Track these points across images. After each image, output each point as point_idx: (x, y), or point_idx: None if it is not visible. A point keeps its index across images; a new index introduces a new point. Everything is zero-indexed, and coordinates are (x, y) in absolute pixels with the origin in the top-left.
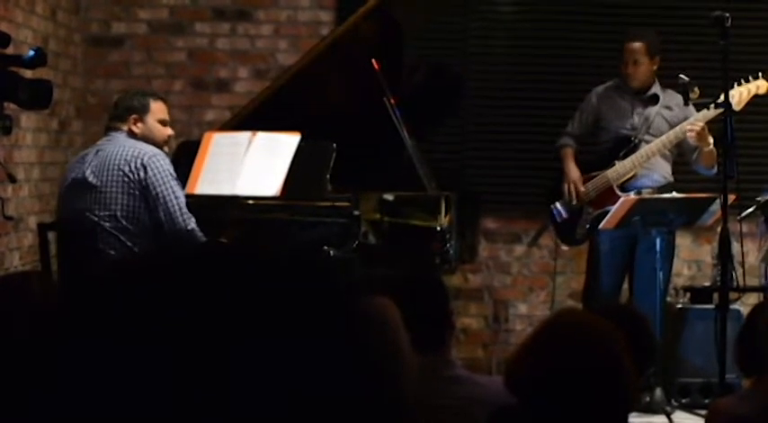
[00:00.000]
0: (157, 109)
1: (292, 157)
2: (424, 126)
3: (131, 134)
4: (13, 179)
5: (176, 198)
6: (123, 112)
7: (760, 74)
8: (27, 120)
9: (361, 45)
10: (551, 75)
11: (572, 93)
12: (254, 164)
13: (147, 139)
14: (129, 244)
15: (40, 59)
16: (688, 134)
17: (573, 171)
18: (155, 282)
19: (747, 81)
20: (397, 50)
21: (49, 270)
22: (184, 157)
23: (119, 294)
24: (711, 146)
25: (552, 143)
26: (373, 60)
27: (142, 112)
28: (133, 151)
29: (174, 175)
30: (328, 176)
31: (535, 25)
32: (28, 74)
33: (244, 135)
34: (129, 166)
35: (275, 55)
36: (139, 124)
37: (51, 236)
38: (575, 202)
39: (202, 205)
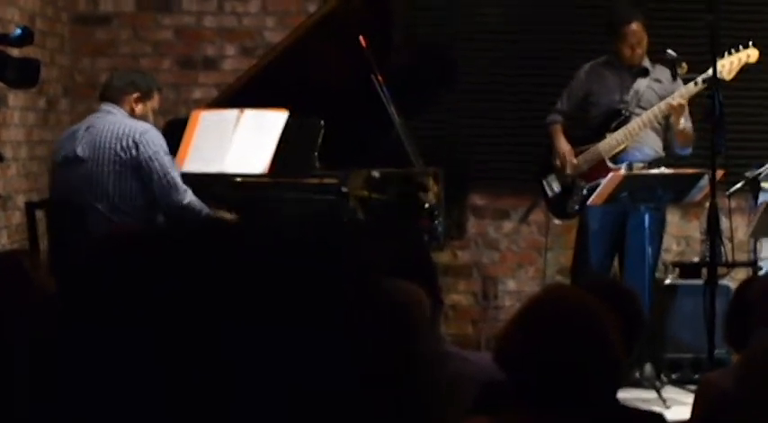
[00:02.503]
0: (158, 98)
1: (280, 134)
2: (411, 103)
3: (128, 112)
4: (0, 158)
5: (168, 174)
6: (126, 86)
7: (750, 42)
8: (15, 98)
9: (348, 22)
10: (539, 50)
11: (560, 69)
12: (241, 141)
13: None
14: (119, 223)
15: (27, 38)
16: (669, 110)
17: (563, 144)
18: (145, 256)
19: (737, 50)
20: (385, 27)
21: (38, 249)
22: (172, 135)
23: (110, 267)
24: (683, 125)
25: (540, 119)
26: (361, 37)
27: (148, 94)
28: (124, 128)
29: (167, 149)
30: (316, 153)
31: (524, 1)
32: (15, 52)
33: (231, 113)
34: (121, 144)
35: (262, 32)
36: (140, 105)
37: (39, 214)
38: (568, 173)
39: (190, 183)
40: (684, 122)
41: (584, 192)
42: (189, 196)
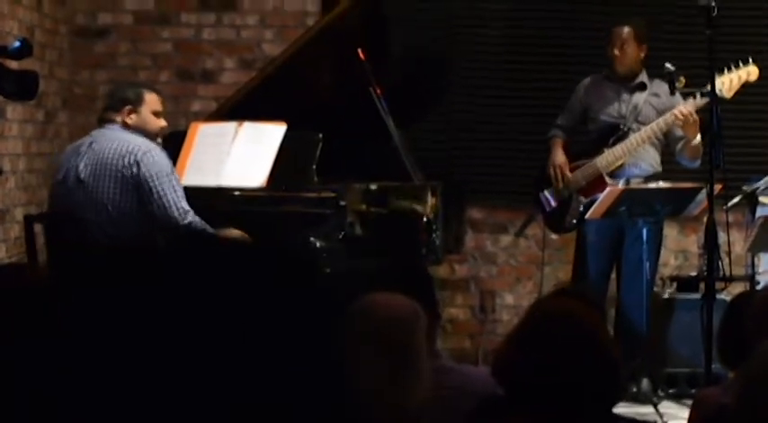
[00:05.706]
0: (151, 100)
1: (278, 147)
2: (409, 115)
3: (125, 126)
4: None
5: (170, 194)
6: (118, 103)
7: (750, 59)
8: (13, 111)
9: (347, 35)
10: (538, 64)
11: (558, 82)
12: (239, 154)
13: (140, 130)
14: (118, 240)
15: (25, 50)
16: (675, 121)
17: (558, 156)
18: (144, 277)
19: (737, 67)
20: (383, 40)
21: (36, 262)
22: (171, 148)
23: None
24: (698, 138)
25: (538, 133)
26: (359, 50)
27: (137, 103)
28: (127, 146)
29: (170, 169)
30: (314, 167)
31: (523, 14)
32: (14, 65)
33: (230, 125)
34: (123, 162)
35: (261, 45)
36: (133, 115)
37: (38, 228)
38: (561, 187)
39: (187, 196)
40: (699, 137)
41: (582, 207)
42: (189, 217)
